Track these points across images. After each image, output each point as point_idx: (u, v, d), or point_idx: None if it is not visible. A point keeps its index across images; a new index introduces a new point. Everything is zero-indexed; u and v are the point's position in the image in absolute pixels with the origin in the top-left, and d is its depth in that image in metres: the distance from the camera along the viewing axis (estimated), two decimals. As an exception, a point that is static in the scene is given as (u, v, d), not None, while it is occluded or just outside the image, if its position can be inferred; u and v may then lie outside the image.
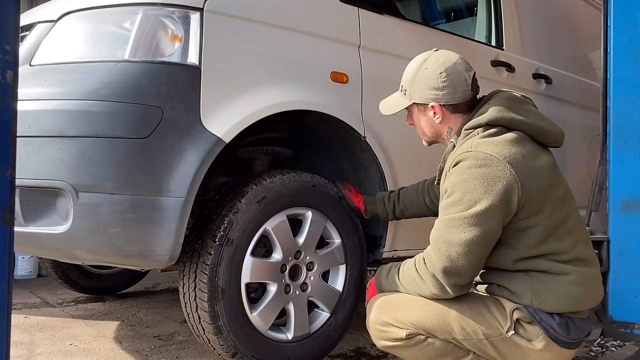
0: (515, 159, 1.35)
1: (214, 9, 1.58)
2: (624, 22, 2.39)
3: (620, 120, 2.40)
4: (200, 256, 1.62)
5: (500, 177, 1.33)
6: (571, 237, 1.42)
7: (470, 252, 1.32)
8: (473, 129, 1.46)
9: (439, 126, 1.57)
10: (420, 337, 1.40)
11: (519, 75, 2.67)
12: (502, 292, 1.44)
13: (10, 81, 0.61)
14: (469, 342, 1.39)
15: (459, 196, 1.35)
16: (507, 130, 1.44)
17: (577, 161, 3.07)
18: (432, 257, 1.36)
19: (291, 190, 1.75)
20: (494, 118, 1.44)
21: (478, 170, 1.34)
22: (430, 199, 1.85)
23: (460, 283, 1.36)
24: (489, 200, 1.31)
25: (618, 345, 2.21)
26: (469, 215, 1.32)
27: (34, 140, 1.48)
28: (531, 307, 1.38)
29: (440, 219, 1.39)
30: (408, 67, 1.62)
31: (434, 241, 1.38)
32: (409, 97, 1.58)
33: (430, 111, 1.55)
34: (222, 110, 1.57)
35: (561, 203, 1.42)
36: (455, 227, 1.33)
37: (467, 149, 1.39)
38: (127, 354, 2.06)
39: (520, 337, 1.38)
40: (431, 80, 1.52)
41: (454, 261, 1.32)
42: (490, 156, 1.35)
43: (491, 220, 1.32)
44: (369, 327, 1.49)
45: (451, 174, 1.40)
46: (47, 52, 1.64)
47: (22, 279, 3.51)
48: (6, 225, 0.61)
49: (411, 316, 1.39)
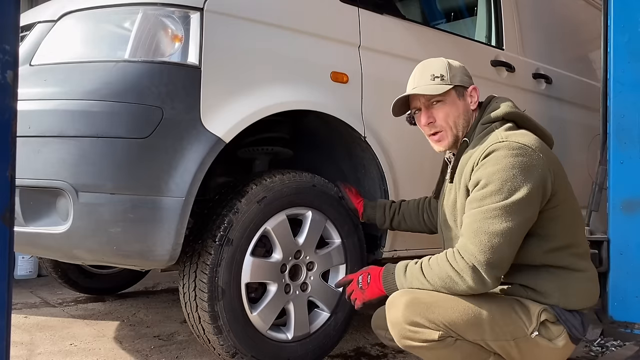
0: (543, 149, 1.42)
1: (214, 9, 1.58)
2: (624, 22, 2.39)
3: (620, 120, 2.40)
4: (200, 256, 1.62)
5: (536, 165, 1.37)
6: (582, 230, 1.52)
7: (512, 241, 1.34)
8: (490, 123, 1.50)
9: (472, 114, 1.59)
10: (450, 339, 1.36)
11: (519, 75, 2.67)
12: (526, 292, 1.45)
13: (10, 81, 0.61)
14: (496, 344, 1.39)
15: (498, 185, 1.34)
16: (518, 126, 1.49)
17: (577, 161, 3.07)
18: (471, 250, 1.34)
19: (291, 190, 1.75)
20: (510, 112, 1.50)
21: (515, 159, 1.36)
22: (428, 216, 1.86)
23: (499, 274, 1.36)
24: (528, 188, 1.34)
25: (618, 345, 2.21)
26: (509, 204, 1.33)
27: (34, 140, 1.48)
28: (557, 307, 1.41)
29: (475, 210, 1.37)
30: (429, 62, 1.62)
31: (472, 234, 1.35)
32: (449, 80, 1.56)
33: (468, 96, 1.58)
34: (222, 110, 1.57)
35: (573, 197, 1.50)
36: (495, 216, 1.33)
37: (497, 140, 1.41)
38: (127, 354, 2.06)
39: (542, 337, 1.40)
40: (464, 69, 1.60)
41: (497, 251, 1.32)
42: (524, 146, 1.38)
43: (530, 208, 1.35)
44: (394, 325, 1.40)
45: (484, 164, 1.40)
46: (47, 52, 1.64)
47: (22, 279, 3.51)
48: (6, 225, 0.61)
49: (444, 317, 1.35)
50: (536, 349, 1.40)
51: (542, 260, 1.43)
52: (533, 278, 1.44)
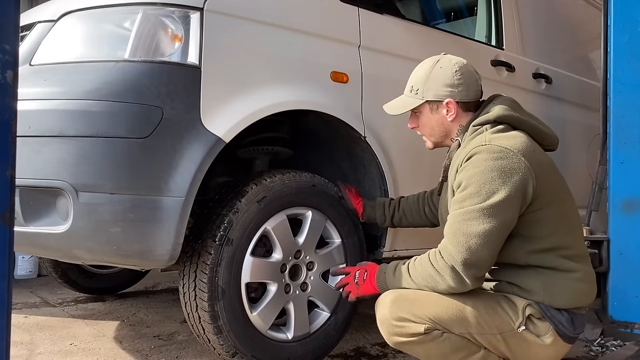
0: (527, 152, 1.41)
1: (214, 9, 1.58)
2: (624, 22, 2.39)
3: (620, 120, 2.40)
4: (200, 256, 1.62)
5: (516, 169, 1.37)
6: (575, 233, 1.49)
7: (489, 242, 1.35)
8: (481, 125, 1.50)
9: (451, 125, 1.60)
10: (437, 332, 1.39)
11: (519, 74, 2.67)
12: (512, 289, 1.47)
13: (10, 81, 0.61)
14: (483, 337, 1.41)
15: (476, 188, 1.36)
16: (513, 128, 1.49)
17: (577, 161, 3.07)
18: (450, 250, 1.37)
19: (291, 190, 1.75)
20: (501, 115, 1.49)
21: (494, 162, 1.37)
22: (430, 209, 1.87)
23: (479, 274, 1.38)
24: (506, 191, 1.35)
25: (618, 345, 2.21)
26: (487, 206, 1.34)
27: (34, 140, 1.48)
28: (542, 304, 1.42)
29: (456, 212, 1.40)
30: (417, 69, 1.65)
31: (451, 234, 1.39)
32: (421, 95, 1.59)
33: (444, 109, 1.58)
34: (222, 110, 1.57)
35: (565, 199, 1.49)
36: (473, 218, 1.35)
37: (480, 143, 1.43)
38: (127, 354, 2.06)
39: (530, 333, 1.42)
40: (447, 78, 1.56)
41: (474, 252, 1.34)
42: (505, 149, 1.39)
43: (508, 210, 1.36)
44: (382, 323, 1.44)
45: (465, 167, 1.42)
46: (47, 51, 1.64)
47: (22, 278, 3.51)
48: (6, 225, 0.61)
49: (429, 311, 1.38)
50: (524, 345, 1.42)
51: (526, 260, 1.44)
52: (518, 276, 1.46)
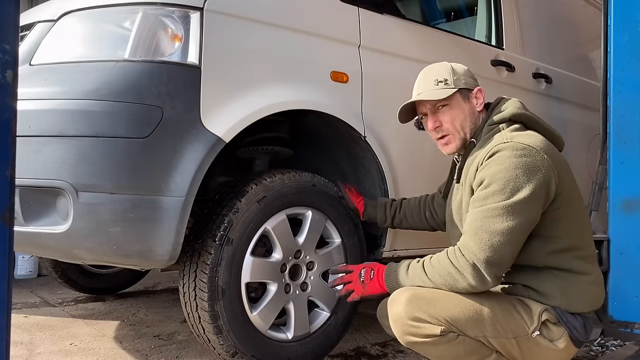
0: (549, 150, 1.42)
1: (214, 9, 1.58)
2: (624, 22, 2.39)
3: (620, 120, 2.40)
4: (200, 256, 1.62)
5: (540, 166, 1.37)
6: (587, 233, 1.50)
7: (512, 241, 1.34)
8: (497, 124, 1.51)
9: (479, 115, 1.60)
10: (452, 334, 1.37)
11: (519, 74, 2.66)
12: (528, 292, 1.45)
13: (10, 81, 0.61)
14: (497, 341, 1.39)
15: (501, 185, 1.36)
16: (526, 128, 1.50)
17: (577, 161, 3.07)
18: (472, 248, 1.35)
19: (291, 190, 1.75)
20: (516, 114, 1.51)
21: (519, 159, 1.37)
22: (431, 213, 1.87)
23: (499, 273, 1.37)
24: (530, 189, 1.34)
25: (618, 345, 2.21)
26: (511, 204, 1.34)
27: (34, 140, 1.48)
28: (559, 309, 1.41)
29: (477, 209, 1.38)
30: (433, 67, 1.63)
31: (472, 232, 1.37)
32: (453, 84, 1.57)
33: (474, 98, 1.59)
34: (222, 109, 1.57)
35: (578, 199, 1.50)
36: (497, 216, 1.34)
37: (502, 140, 1.43)
38: (127, 354, 2.06)
39: (544, 338, 1.41)
40: (467, 72, 1.60)
41: (497, 250, 1.33)
42: (529, 146, 1.39)
43: (532, 208, 1.35)
44: (396, 321, 1.40)
45: (488, 164, 1.41)
46: (46, 51, 1.64)
47: (22, 278, 3.52)
48: (6, 225, 0.61)
49: (446, 312, 1.36)
50: (537, 349, 1.41)
51: (544, 261, 1.43)
52: (535, 279, 1.45)
